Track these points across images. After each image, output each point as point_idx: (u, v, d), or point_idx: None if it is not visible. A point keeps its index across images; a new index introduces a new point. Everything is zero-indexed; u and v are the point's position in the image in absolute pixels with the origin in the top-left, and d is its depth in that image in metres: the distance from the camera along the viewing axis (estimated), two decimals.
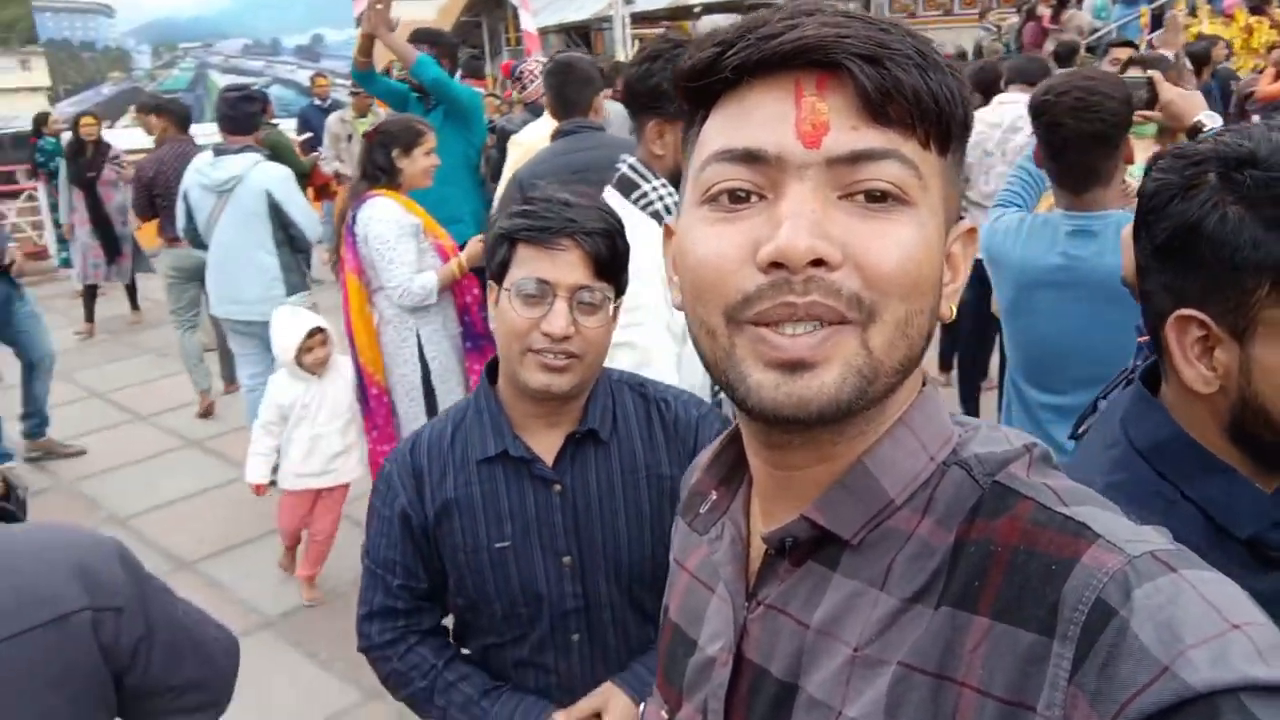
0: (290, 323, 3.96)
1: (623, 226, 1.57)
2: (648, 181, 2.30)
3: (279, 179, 4.77)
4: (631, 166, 2.34)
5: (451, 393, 3.88)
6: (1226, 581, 0.60)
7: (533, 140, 4.31)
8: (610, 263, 1.53)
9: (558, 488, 1.61)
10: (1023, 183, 2.68)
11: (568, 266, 1.49)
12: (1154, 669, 0.55)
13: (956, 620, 0.65)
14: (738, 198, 0.67)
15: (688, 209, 0.72)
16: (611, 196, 2.37)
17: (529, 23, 11.49)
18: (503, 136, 5.38)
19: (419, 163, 3.82)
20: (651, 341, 2.24)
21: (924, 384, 0.76)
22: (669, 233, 0.80)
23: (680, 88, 0.73)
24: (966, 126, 0.69)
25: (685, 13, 17.04)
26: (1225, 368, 0.98)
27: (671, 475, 1.65)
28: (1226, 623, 0.56)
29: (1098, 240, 2.28)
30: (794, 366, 0.65)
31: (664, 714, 0.89)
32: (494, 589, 1.62)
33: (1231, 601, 0.58)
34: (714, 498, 0.85)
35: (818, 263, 0.63)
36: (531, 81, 5.85)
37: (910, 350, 0.68)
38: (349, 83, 8.73)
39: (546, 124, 4.15)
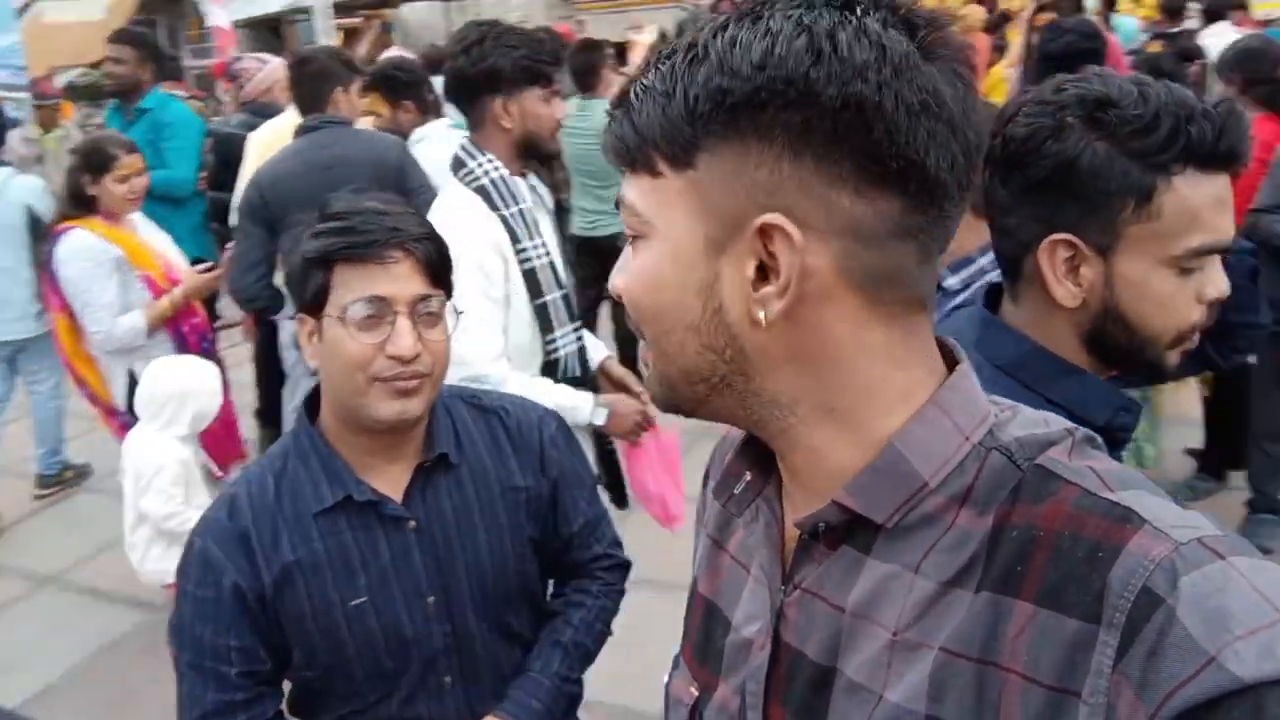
0: (209, 378, 3.31)
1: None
2: (474, 159, 2.39)
3: (37, 191, 4.45)
4: (462, 145, 2.43)
5: None
6: (1276, 567, 0.59)
7: (270, 137, 4.03)
8: (442, 267, 1.44)
9: (412, 525, 1.47)
10: None
11: (402, 279, 1.37)
12: (1200, 659, 0.54)
13: (999, 605, 0.64)
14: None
15: None
16: (447, 176, 2.47)
17: (221, 18, 10.70)
18: (221, 141, 4.97)
19: (112, 189, 3.40)
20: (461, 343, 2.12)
21: (958, 363, 0.74)
22: None
23: None
24: (691, 138, 0.67)
25: (386, 1, 16.50)
26: (1090, 283, 1.12)
27: (525, 486, 1.58)
28: (1277, 613, 0.56)
29: None
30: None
31: (693, 690, 0.88)
32: (354, 650, 1.45)
33: None
34: (748, 478, 0.84)
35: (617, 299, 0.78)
36: (248, 80, 5.42)
37: (681, 363, 0.73)
38: (24, 94, 7.72)
39: (289, 118, 3.90)
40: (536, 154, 2.45)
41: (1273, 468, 3.83)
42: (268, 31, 17.75)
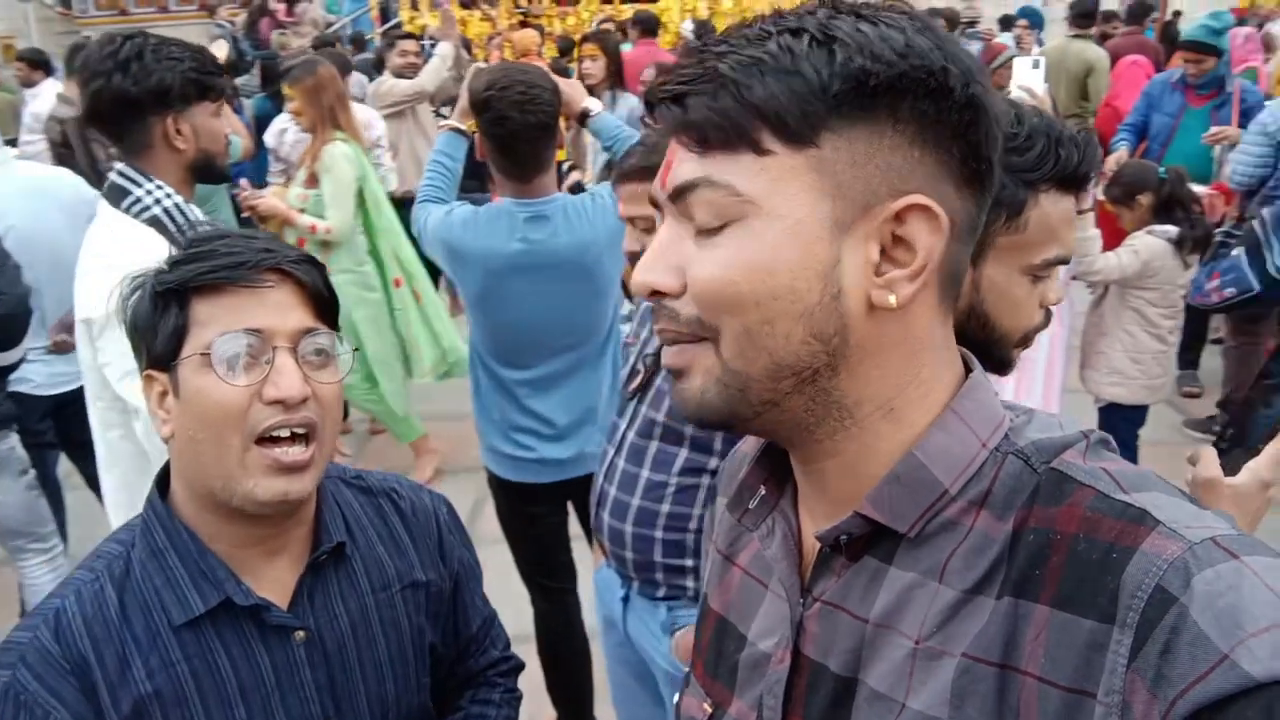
0: None
1: None
2: (140, 185, 2.00)
3: None
4: (120, 172, 2.01)
5: None
6: None
7: None
8: (328, 297, 1.18)
9: (301, 635, 1.18)
10: (441, 176, 2.73)
11: (281, 308, 1.11)
12: (1213, 657, 0.55)
13: (1019, 610, 0.65)
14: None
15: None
16: (103, 211, 2.02)
17: None
18: None
19: None
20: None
21: (970, 370, 0.76)
22: None
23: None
24: (844, 104, 0.66)
25: None
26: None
27: (427, 580, 1.32)
28: None
29: (550, 223, 2.46)
30: (676, 374, 0.74)
31: (706, 707, 0.87)
32: None
33: None
34: (763, 492, 0.84)
35: (656, 294, 0.72)
36: None
37: (773, 359, 0.69)
38: None
39: None
40: (210, 175, 2.18)
41: None
42: None
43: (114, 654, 1.09)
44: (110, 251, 1.93)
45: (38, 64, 7.75)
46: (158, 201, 2.01)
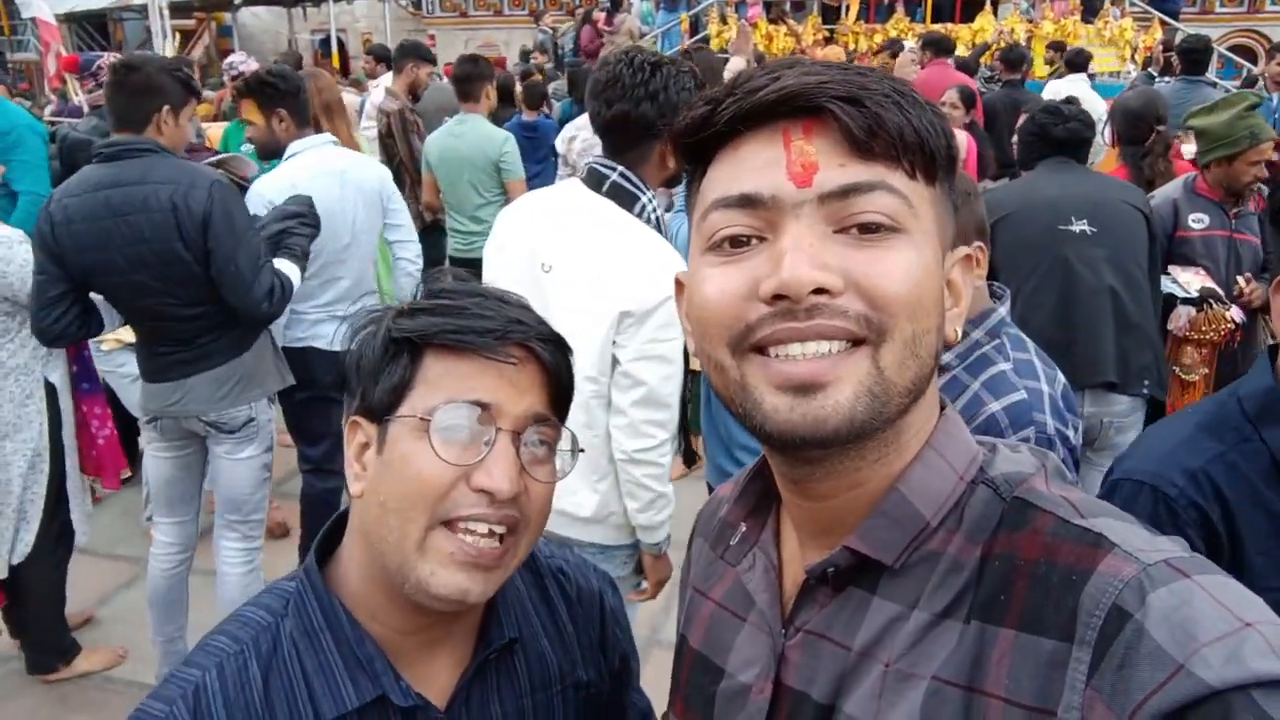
0: None
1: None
2: (644, 193, 2.28)
3: None
4: (623, 175, 2.27)
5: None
6: (1238, 584, 0.63)
7: None
8: (568, 389, 1.05)
9: None
10: None
11: (518, 389, 0.98)
12: (1169, 667, 0.57)
13: (985, 633, 0.67)
14: (738, 242, 0.72)
15: (693, 257, 0.77)
16: (606, 208, 2.24)
17: (43, 10, 9.93)
18: (71, 148, 4.59)
19: None
20: (669, 392, 2.20)
21: (943, 408, 0.79)
22: (680, 286, 0.83)
23: (677, 146, 0.78)
24: (951, 159, 0.75)
25: (224, 3, 15.80)
26: None
27: (588, 681, 1.16)
28: (1239, 621, 0.58)
29: None
30: (806, 388, 0.68)
31: None
32: None
33: (1244, 601, 0.60)
34: (744, 529, 0.88)
35: (820, 291, 0.67)
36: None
37: (920, 369, 0.71)
38: None
39: None
40: (673, 183, 2.52)
41: None
42: (93, 28, 16.69)
43: None
44: (644, 249, 2.20)
45: (381, 58, 8.65)
46: (656, 210, 2.31)
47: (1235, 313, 3.55)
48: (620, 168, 2.26)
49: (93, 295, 3.01)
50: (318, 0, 16.13)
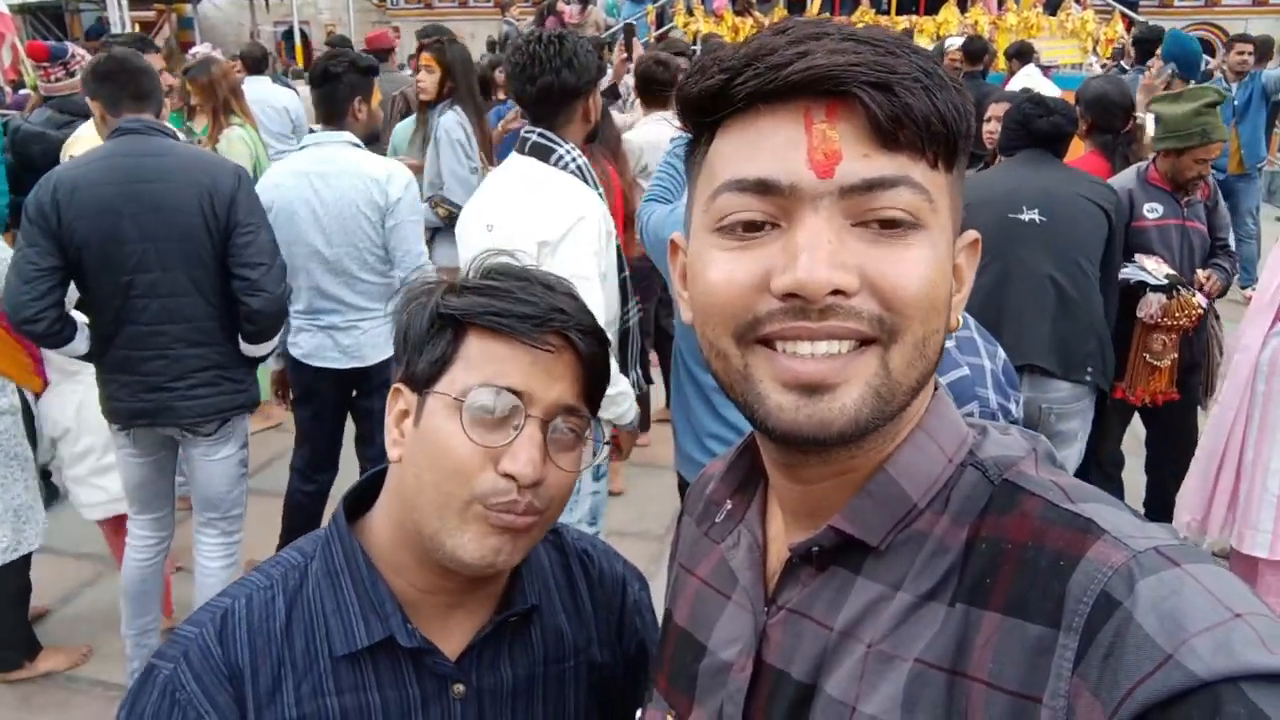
0: None
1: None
2: (560, 145, 2.64)
3: None
4: (541, 134, 2.65)
5: None
6: (1229, 574, 0.61)
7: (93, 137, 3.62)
8: (602, 382, 1.08)
9: (460, 689, 1.07)
10: (670, 178, 2.82)
11: (551, 376, 1.00)
12: (1158, 657, 0.55)
13: (969, 616, 0.66)
14: (752, 226, 0.68)
15: (699, 233, 0.73)
16: (529, 162, 2.62)
17: None
18: (23, 140, 4.48)
19: None
20: (591, 302, 2.33)
21: (935, 389, 0.78)
22: (674, 248, 0.81)
23: (685, 112, 0.73)
24: (969, 139, 0.71)
25: None
26: None
27: (602, 662, 1.19)
28: (1229, 611, 0.57)
29: None
30: (813, 389, 0.66)
31: (670, 718, 0.88)
32: None
33: (1234, 592, 0.59)
34: (729, 506, 0.88)
35: (836, 292, 0.65)
36: (80, 69, 4.92)
37: (926, 368, 0.70)
38: None
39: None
40: (593, 137, 2.84)
41: None
42: (49, 19, 16.39)
43: (269, 670, 1.02)
44: (551, 187, 2.57)
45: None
46: (574, 159, 2.65)
47: (1200, 299, 3.61)
48: (539, 130, 2.65)
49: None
50: None
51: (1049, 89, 6.82)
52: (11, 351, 3.22)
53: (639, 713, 1.00)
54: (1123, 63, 9.50)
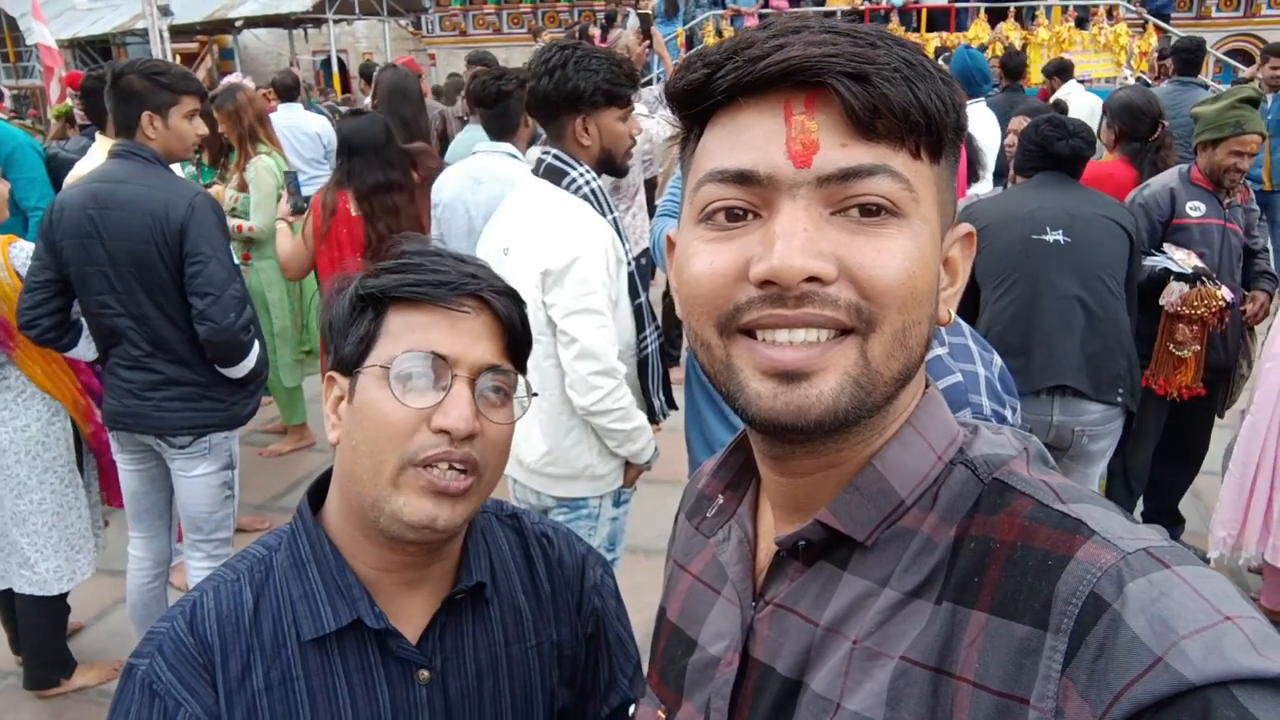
0: None
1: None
2: (574, 169, 2.56)
3: None
4: (556, 156, 2.58)
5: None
6: (1219, 576, 0.61)
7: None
8: (523, 337, 1.13)
9: (424, 675, 1.10)
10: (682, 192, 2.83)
11: (472, 337, 1.06)
12: (1147, 660, 0.55)
13: (956, 615, 0.65)
14: (733, 216, 0.69)
15: (686, 225, 0.74)
16: (541, 185, 2.57)
17: (44, 36, 10.03)
18: (59, 167, 4.64)
19: None
20: (600, 341, 2.39)
21: (926, 386, 0.78)
22: (670, 244, 0.81)
23: (674, 108, 0.74)
24: (959, 131, 0.71)
25: (225, 26, 15.94)
26: None
27: (561, 641, 1.22)
28: (1219, 614, 0.56)
29: None
30: (791, 376, 0.67)
31: (661, 714, 0.88)
32: None
33: (1223, 594, 0.58)
34: (721, 501, 0.88)
35: (812, 279, 0.65)
36: None
37: (909, 359, 0.69)
38: None
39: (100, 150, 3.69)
40: (611, 169, 2.70)
41: None
42: (97, 52, 16.84)
43: (238, 656, 1.06)
44: (561, 213, 2.50)
45: (370, 79, 8.77)
46: (587, 183, 2.57)
47: (1225, 291, 3.57)
48: (554, 150, 2.58)
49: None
50: (318, 21, 16.26)
51: (1092, 104, 6.79)
52: (66, 385, 3.33)
53: (632, 709, 1.02)
54: (1144, 76, 9.42)
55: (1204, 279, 3.55)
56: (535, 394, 1.15)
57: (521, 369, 1.13)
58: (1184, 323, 3.60)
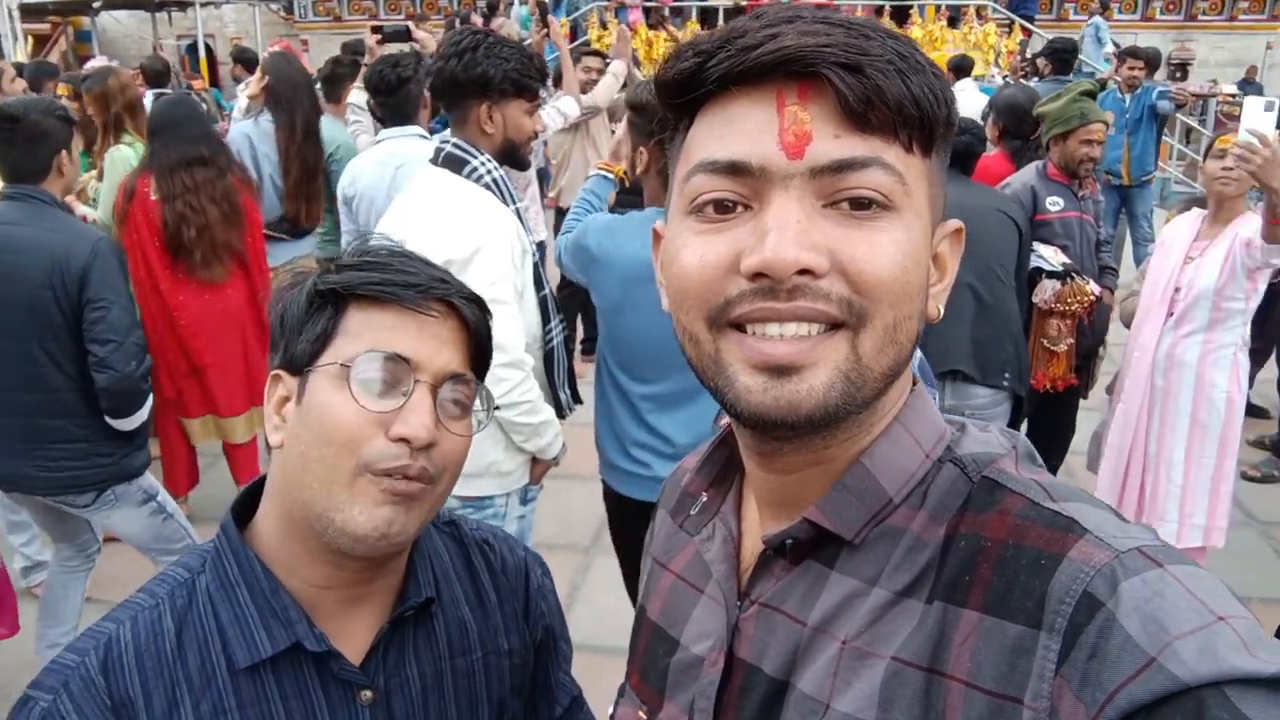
0: None
1: None
2: (475, 157, 2.50)
3: None
4: (456, 145, 2.52)
5: None
6: (1212, 576, 0.61)
7: None
8: (486, 344, 1.09)
9: (367, 695, 1.03)
10: (585, 212, 2.84)
11: (438, 342, 1.01)
12: (1141, 660, 0.55)
13: (947, 614, 0.65)
14: (724, 208, 0.68)
15: (674, 216, 0.73)
16: (440, 174, 2.50)
17: None
18: None
19: None
20: (508, 332, 2.29)
21: (914, 383, 0.77)
22: (657, 237, 0.80)
23: (663, 97, 0.73)
24: (950, 126, 0.71)
25: (82, 7, 15.07)
26: None
27: (510, 649, 1.17)
28: (1212, 614, 0.56)
29: None
30: (782, 370, 0.66)
31: (642, 714, 0.87)
32: None
33: (1216, 594, 0.58)
34: (704, 499, 0.87)
35: (804, 272, 0.64)
36: None
37: (899, 355, 0.69)
38: None
39: None
40: (512, 161, 2.63)
41: None
42: None
43: (163, 694, 0.97)
44: (462, 202, 2.44)
45: (247, 63, 8.49)
46: (489, 172, 2.51)
47: (1093, 285, 3.76)
48: (454, 139, 2.54)
49: None
50: (183, 4, 15.54)
51: (983, 102, 7.07)
52: None
53: (610, 709, 1.00)
54: (1008, 76, 9.80)
55: (1073, 275, 3.74)
56: (498, 407, 1.10)
57: (483, 379, 1.08)
58: (1057, 318, 3.77)
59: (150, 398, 3.00)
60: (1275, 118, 3.15)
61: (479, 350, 1.07)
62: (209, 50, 15.20)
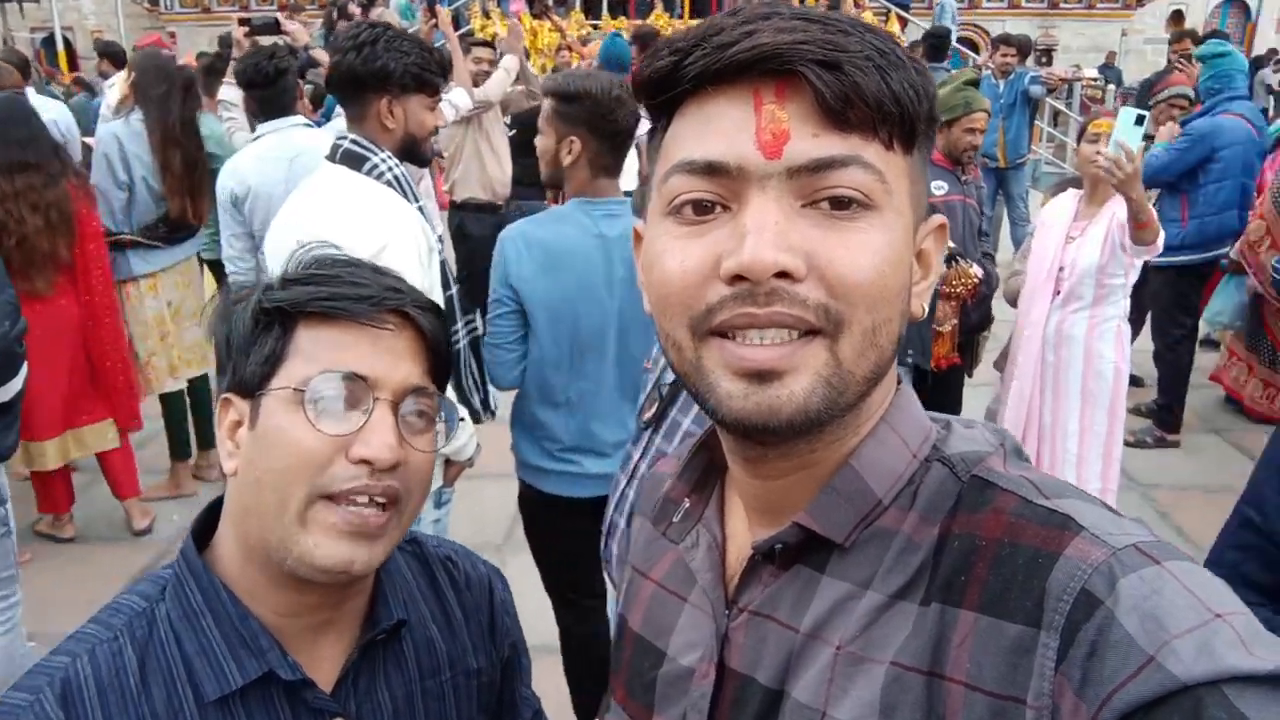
0: None
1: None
2: (375, 154, 2.42)
3: None
4: (354, 141, 2.43)
5: None
6: (1208, 572, 0.61)
7: None
8: (445, 355, 1.04)
9: None
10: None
11: (394, 356, 0.95)
12: (1139, 659, 0.55)
13: (945, 616, 0.65)
14: (702, 208, 0.67)
15: (654, 218, 0.72)
16: (338, 171, 2.41)
17: None
18: None
19: None
20: None
21: (899, 383, 0.77)
22: (638, 237, 0.78)
23: (641, 96, 0.72)
24: (932, 122, 0.70)
25: None
26: None
27: (478, 669, 1.14)
28: (1210, 612, 0.56)
29: (622, 220, 2.53)
30: (762, 375, 0.65)
31: None
32: None
33: (1214, 591, 0.58)
34: (687, 505, 0.85)
35: (782, 275, 0.63)
36: None
37: (880, 358, 0.68)
38: None
39: None
40: (413, 157, 2.55)
41: None
42: None
43: None
44: (365, 201, 2.35)
45: (113, 57, 8.06)
46: (390, 169, 2.43)
47: (976, 269, 3.89)
48: (351, 135, 2.46)
49: None
50: None
51: None
52: None
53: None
54: None
55: (958, 259, 3.86)
56: (463, 418, 1.05)
57: (444, 390, 1.04)
58: (941, 300, 3.89)
59: (25, 366, 2.79)
60: (1144, 130, 3.36)
61: (438, 360, 1.02)
62: (68, 44, 14.45)
